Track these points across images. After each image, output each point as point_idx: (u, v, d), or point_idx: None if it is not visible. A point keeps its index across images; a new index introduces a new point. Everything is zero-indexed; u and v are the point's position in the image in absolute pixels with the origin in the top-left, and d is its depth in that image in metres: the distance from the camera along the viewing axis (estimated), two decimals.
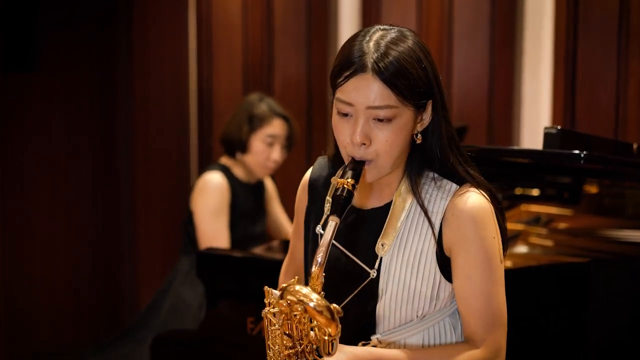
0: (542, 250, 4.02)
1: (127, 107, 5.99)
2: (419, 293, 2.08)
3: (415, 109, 2.03)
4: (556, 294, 3.29)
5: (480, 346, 2.06)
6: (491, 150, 3.42)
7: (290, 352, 2.00)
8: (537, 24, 5.32)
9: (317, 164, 2.30)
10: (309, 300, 1.88)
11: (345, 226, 2.14)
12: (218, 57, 5.90)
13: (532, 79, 5.35)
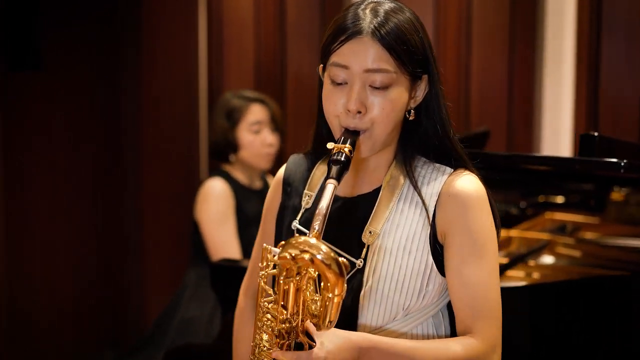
0: (570, 261, 3.89)
1: (133, 107, 5.91)
2: (407, 281, 1.97)
3: (411, 78, 1.98)
4: (597, 308, 3.17)
5: (477, 339, 1.95)
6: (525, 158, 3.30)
7: (282, 328, 1.87)
8: (559, 23, 5.21)
9: (290, 161, 2.22)
10: (317, 251, 1.74)
11: (330, 218, 1.97)
12: (229, 55, 5.81)
13: (554, 81, 5.23)
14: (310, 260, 1.75)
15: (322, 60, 2.04)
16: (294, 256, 1.77)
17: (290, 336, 1.88)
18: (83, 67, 5.69)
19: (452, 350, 1.93)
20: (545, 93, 5.27)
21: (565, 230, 4.28)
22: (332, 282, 1.75)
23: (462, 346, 1.94)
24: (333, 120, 2.00)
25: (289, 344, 1.89)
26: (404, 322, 2.01)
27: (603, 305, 3.16)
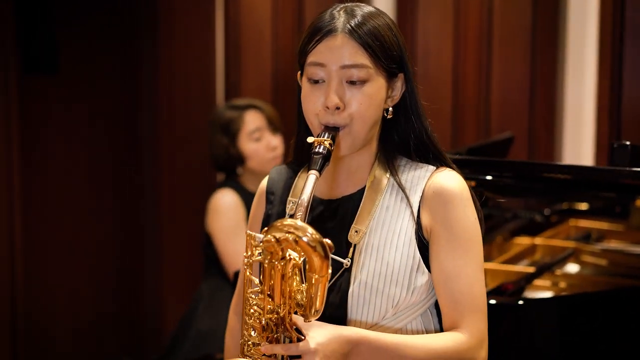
0: (596, 270, 3.84)
1: (151, 112, 5.90)
2: (395, 276, 1.98)
3: (387, 75, 2.02)
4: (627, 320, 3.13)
5: (464, 334, 1.97)
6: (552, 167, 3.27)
7: (269, 319, 1.87)
8: (581, 27, 5.15)
9: (272, 171, 2.25)
10: (302, 233, 1.76)
11: (314, 220, 2.05)
12: (246, 59, 5.78)
13: (576, 86, 5.18)
14: (294, 242, 1.76)
15: (299, 63, 2.07)
16: (279, 238, 1.78)
17: (278, 329, 1.87)
18: (99, 71, 5.69)
19: (440, 345, 1.94)
20: (567, 98, 5.21)
21: (590, 238, 4.23)
22: (318, 264, 1.76)
23: (450, 341, 1.95)
24: (313, 119, 2.02)
25: (277, 337, 1.88)
26: (394, 321, 2.01)
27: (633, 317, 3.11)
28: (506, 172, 3.27)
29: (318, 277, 1.78)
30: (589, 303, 3.16)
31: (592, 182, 3.27)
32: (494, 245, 4.05)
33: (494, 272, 3.68)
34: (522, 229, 4.23)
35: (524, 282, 3.47)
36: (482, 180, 3.19)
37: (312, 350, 1.82)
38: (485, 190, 3.35)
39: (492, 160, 3.65)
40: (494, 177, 3.17)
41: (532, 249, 4.06)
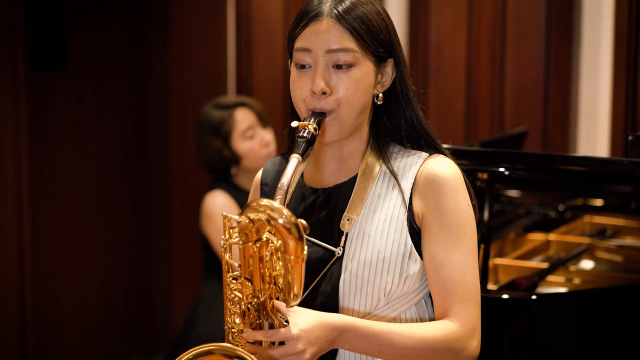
0: (611, 267, 3.79)
1: (161, 107, 5.89)
2: (387, 264, 1.95)
3: (375, 60, 1.99)
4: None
5: (455, 323, 1.93)
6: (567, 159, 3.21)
7: (250, 303, 1.83)
8: (596, 21, 5.09)
9: (267, 163, 2.23)
10: (278, 215, 1.73)
11: (306, 210, 2.06)
12: (257, 56, 5.75)
13: (590, 81, 5.11)
14: (267, 221, 1.73)
15: (288, 50, 2.05)
16: (253, 219, 1.75)
17: (260, 315, 1.84)
18: (108, 66, 5.67)
19: (430, 333, 1.91)
20: (581, 93, 5.15)
21: (605, 234, 4.18)
22: (293, 246, 1.73)
23: (440, 329, 1.92)
24: (300, 105, 2.00)
25: (259, 323, 1.84)
26: (387, 310, 1.98)
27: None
28: (519, 164, 3.21)
29: (294, 258, 1.74)
30: (602, 298, 3.12)
31: (606, 175, 3.22)
32: (507, 241, 4.00)
33: (507, 268, 3.64)
34: (536, 224, 4.18)
35: (537, 277, 3.43)
36: (495, 173, 3.14)
37: (294, 336, 1.79)
38: (498, 183, 3.31)
39: (505, 151, 3.61)
40: (507, 169, 3.12)
41: (546, 245, 4.01)
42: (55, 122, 5.38)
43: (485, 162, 3.18)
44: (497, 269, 3.64)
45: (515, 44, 5.25)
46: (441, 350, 1.90)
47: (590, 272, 3.70)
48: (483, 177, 3.14)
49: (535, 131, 5.12)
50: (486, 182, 3.15)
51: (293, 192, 2.11)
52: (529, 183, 3.60)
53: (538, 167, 3.24)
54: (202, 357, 1.80)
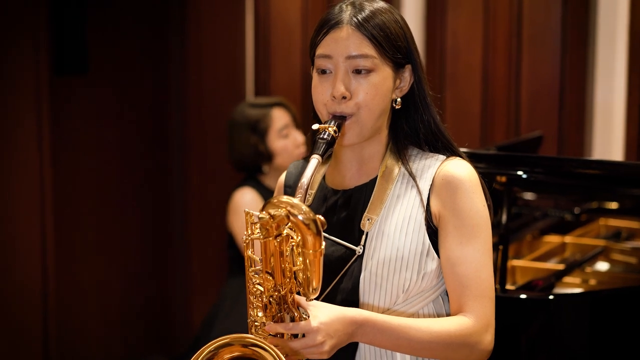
0: (626, 268, 3.84)
1: (180, 111, 5.95)
2: (406, 261, 2.02)
3: (393, 66, 2.06)
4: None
5: (470, 318, 2.00)
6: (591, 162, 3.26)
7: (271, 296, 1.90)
8: (611, 25, 5.13)
9: (290, 166, 2.32)
10: (298, 211, 1.80)
11: (328, 210, 2.13)
12: (275, 59, 5.80)
13: (605, 86, 5.15)
14: (286, 217, 1.80)
15: (310, 57, 2.13)
16: (273, 215, 1.82)
17: (281, 308, 1.90)
18: (128, 71, 5.74)
19: (445, 328, 1.96)
20: (596, 97, 5.19)
21: (619, 237, 4.22)
22: (311, 241, 1.80)
23: (455, 324, 1.98)
24: (322, 109, 2.07)
25: (281, 316, 1.90)
26: (406, 306, 2.04)
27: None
28: (537, 168, 3.26)
29: (312, 252, 1.81)
30: (617, 299, 3.17)
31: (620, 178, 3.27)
32: (524, 243, 4.06)
33: (524, 269, 3.69)
34: (552, 227, 4.23)
35: (554, 278, 3.48)
36: (513, 176, 3.20)
37: (314, 328, 1.85)
38: (516, 186, 3.36)
39: (523, 155, 3.67)
40: (525, 172, 3.17)
41: (562, 247, 4.06)
42: (76, 125, 5.45)
43: (503, 166, 3.24)
44: (515, 271, 3.70)
45: (530, 49, 5.30)
46: (456, 344, 1.96)
47: (605, 273, 3.75)
48: (502, 180, 3.19)
49: (550, 134, 5.17)
50: (504, 185, 3.21)
51: (315, 194, 2.18)
52: (546, 186, 3.64)
53: (555, 171, 3.30)
54: (222, 349, 1.86)
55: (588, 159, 4.44)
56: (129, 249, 5.82)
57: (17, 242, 5.16)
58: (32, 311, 5.23)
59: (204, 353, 1.86)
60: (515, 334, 3.05)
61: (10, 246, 5.14)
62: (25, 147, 5.12)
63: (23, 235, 5.18)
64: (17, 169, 5.12)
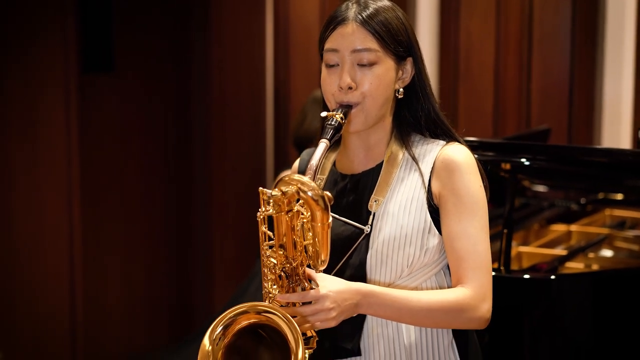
0: (629, 254, 3.98)
1: (202, 108, 6.03)
2: (409, 238, 2.17)
3: (395, 58, 2.20)
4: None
5: (468, 288, 2.13)
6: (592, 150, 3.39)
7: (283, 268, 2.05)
8: (619, 25, 5.27)
9: (304, 153, 2.45)
10: (308, 188, 1.96)
11: (337, 194, 2.26)
12: (295, 59, 5.93)
13: (614, 81, 5.29)
14: (297, 193, 1.97)
15: (319, 51, 2.28)
16: (285, 192, 1.98)
17: (293, 279, 2.06)
18: (152, 69, 5.86)
19: (444, 297, 2.12)
20: (605, 94, 5.33)
21: (624, 226, 4.35)
22: (319, 215, 1.96)
23: (453, 294, 2.12)
24: (330, 99, 2.21)
25: (292, 287, 2.06)
26: (410, 279, 2.19)
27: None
28: (540, 155, 3.40)
29: (321, 225, 1.98)
30: (618, 279, 3.32)
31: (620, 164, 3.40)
32: (531, 231, 4.19)
33: (530, 255, 3.83)
34: (558, 217, 4.37)
35: (557, 262, 3.61)
36: (517, 163, 3.34)
37: (323, 295, 2.02)
38: (520, 173, 3.50)
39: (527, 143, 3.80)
40: (528, 159, 3.32)
41: (568, 235, 4.20)
42: (102, 121, 5.58)
43: (508, 154, 3.38)
44: (521, 256, 3.85)
45: (541, 47, 5.44)
46: (455, 312, 2.12)
47: (607, 258, 3.89)
48: (506, 167, 3.34)
49: (561, 130, 5.31)
50: (509, 172, 3.36)
51: (327, 178, 2.33)
52: (550, 174, 3.77)
53: (557, 158, 3.44)
54: (240, 316, 2.02)
55: (590, 147, 4.57)
56: (153, 241, 5.95)
57: (45, 234, 5.28)
58: (60, 301, 5.36)
59: (225, 319, 2.01)
60: (519, 313, 3.20)
61: (39, 238, 5.26)
62: (54, 142, 5.26)
63: (51, 227, 5.30)
64: (46, 163, 5.25)
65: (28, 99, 5.12)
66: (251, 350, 2.07)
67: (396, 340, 2.20)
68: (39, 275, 5.25)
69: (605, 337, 3.27)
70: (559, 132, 5.25)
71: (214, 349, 2.01)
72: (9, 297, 5.16)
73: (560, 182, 4.33)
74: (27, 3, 5.05)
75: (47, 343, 5.33)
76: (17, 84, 5.07)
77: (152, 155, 5.91)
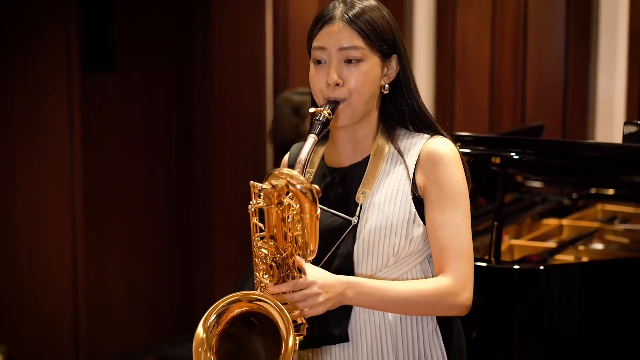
0: (619, 247, 4.05)
1: (204, 109, 6.12)
2: (395, 228, 2.24)
3: (381, 56, 2.27)
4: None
5: (450, 277, 2.21)
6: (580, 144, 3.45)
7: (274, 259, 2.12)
8: (612, 24, 5.34)
9: (293, 147, 2.53)
10: (297, 181, 2.03)
11: (326, 187, 2.32)
12: (294, 59, 6.00)
13: (607, 80, 5.36)
14: (286, 186, 2.04)
15: (307, 49, 2.35)
16: (275, 185, 2.06)
17: (283, 269, 2.13)
18: (154, 69, 5.94)
19: (427, 287, 2.20)
20: (599, 92, 5.40)
21: (615, 220, 4.41)
22: (308, 207, 2.04)
23: (435, 284, 2.21)
24: (318, 96, 2.28)
25: (283, 277, 2.13)
26: (396, 268, 2.27)
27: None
28: (529, 150, 3.47)
29: (309, 217, 2.07)
30: (607, 270, 3.39)
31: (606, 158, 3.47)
32: (524, 226, 4.26)
33: (522, 247, 3.91)
34: (551, 211, 4.44)
35: (547, 255, 3.68)
36: (507, 157, 3.41)
37: (311, 282, 2.10)
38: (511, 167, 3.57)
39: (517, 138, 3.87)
40: (517, 154, 3.39)
41: (560, 230, 4.27)
42: (105, 120, 5.66)
43: (499, 148, 3.46)
44: (513, 249, 3.92)
45: (536, 46, 5.52)
46: (437, 301, 2.20)
47: (597, 251, 3.96)
48: (496, 162, 3.42)
49: (555, 128, 5.39)
50: (499, 166, 3.43)
51: (316, 172, 2.40)
52: (540, 168, 3.82)
53: (546, 152, 3.51)
54: (232, 305, 2.09)
55: (578, 141, 4.62)
56: (155, 239, 6.02)
57: (48, 232, 5.35)
58: (63, 299, 5.42)
59: (221, 305, 2.08)
60: (509, 303, 3.28)
61: (42, 236, 5.33)
62: (57, 141, 5.32)
63: (54, 226, 5.36)
64: (49, 162, 5.32)
65: (31, 98, 5.19)
66: (244, 338, 2.13)
67: (382, 326, 2.27)
68: (42, 273, 5.32)
69: (594, 326, 3.34)
70: (553, 129, 5.32)
71: (208, 337, 2.10)
72: (12, 294, 5.22)
73: (550, 176, 4.37)
74: (30, 3, 5.11)
75: (49, 340, 5.40)
76: (20, 83, 5.13)
77: (154, 154, 5.99)
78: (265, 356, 2.12)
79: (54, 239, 5.37)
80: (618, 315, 3.35)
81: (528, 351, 3.29)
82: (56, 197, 5.34)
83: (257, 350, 2.14)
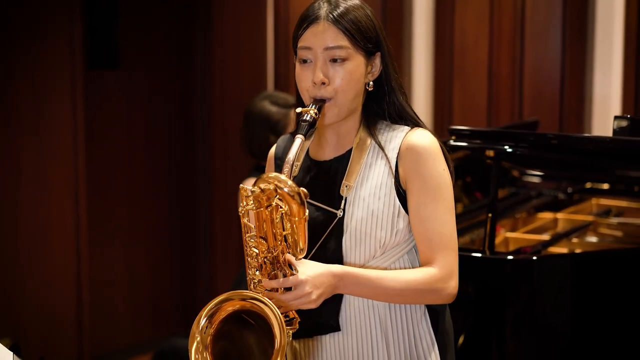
0: (612, 240, 4.10)
1: (205, 107, 6.18)
2: (380, 221, 2.28)
3: (365, 54, 2.29)
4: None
5: (436, 267, 2.25)
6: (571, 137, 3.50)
7: (265, 257, 2.18)
8: (608, 23, 5.40)
9: (279, 140, 2.56)
10: (284, 185, 2.08)
11: (311, 179, 2.37)
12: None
13: (603, 77, 5.43)
14: (274, 190, 2.09)
15: (293, 49, 2.38)
16: (263, 189, 2.11)
17: (274, 267, 2.18)
18: (156, 67, 5.98)
19: (414, 276, 2.25)
20: (595, 89, 5.46)
21: (609, 214, 4.47)
22: (296, 209, 2.09)
23: (422, 273, 2.26)
24: (304, 94, 2.30)
25: (274, 274, 2.18)
26: (383, 259, 2.32)
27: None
28: (522, 143, 3.53)
29: (298, 219, 2.12)
30: (599, 261, 3.44)
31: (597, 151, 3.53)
32: (519, 219, 4.32)
33: (516, 240, 3.96)
34: (546, 205, 4.50)
35: (540, 246, 3.74)
36: (500, 150, 3.47)
37: (303, 280, 2.14)
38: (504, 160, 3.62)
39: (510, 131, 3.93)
40: (510, 147, 3.46)
41: (554, 223, 4.33)
42: (108, 116, 5.70)
43: (492, 141, 3.53)
44: (508, 242, 3.98)
45: (533, 45, 5.58)
46: (424, 290, 2.26)
47: (591, 244, 4.02)
48: (490, 155, 3.48)
49: (552, 124, 5.45)
50: (493, 159, 3.49)
51: (301, 165, 2.44)
52: (533, 161, 3.89)
53: (538, 145, 3.57)
54: (225, 303, 2.14)
55: (571, 135, 4.67)
56: (157, 234, 6.07)
57: (52, 226, 5.38)
58: (66, 293, 5.46)
59: (210, 306, 2.14)
60: (502, 293, 3.32)
61: (46, 230, 5.36)
62: (61, 137, 5.36)
63: (58, 220, 5.39)
64: (53, 158, 5.35)
65: (35, 94, 5.23)
66: (237, 334, 2.19)
67: (371, 314, 2.32)
68: (45, 269, 5.35)
69: (586, 316, 3.38)
70: (550, 125, 5.38)
71: (202, 337, 2.16)
72: (15, 290, 5.26)
73: (544, 169, 4.42)
74: (34, 1, 5.16)
75: (53, 335, 5.44)
76: (24, 80, 5.18)
77: (156, 150, 6.04)
78: (258, 351, 2.17)
79: (58, 235, 5.41)
80: (611, 304, 3.40)
81: (521, 340, 3.34)
82: (59, 193, 5.38)
83: (250, 346, 2.19)
